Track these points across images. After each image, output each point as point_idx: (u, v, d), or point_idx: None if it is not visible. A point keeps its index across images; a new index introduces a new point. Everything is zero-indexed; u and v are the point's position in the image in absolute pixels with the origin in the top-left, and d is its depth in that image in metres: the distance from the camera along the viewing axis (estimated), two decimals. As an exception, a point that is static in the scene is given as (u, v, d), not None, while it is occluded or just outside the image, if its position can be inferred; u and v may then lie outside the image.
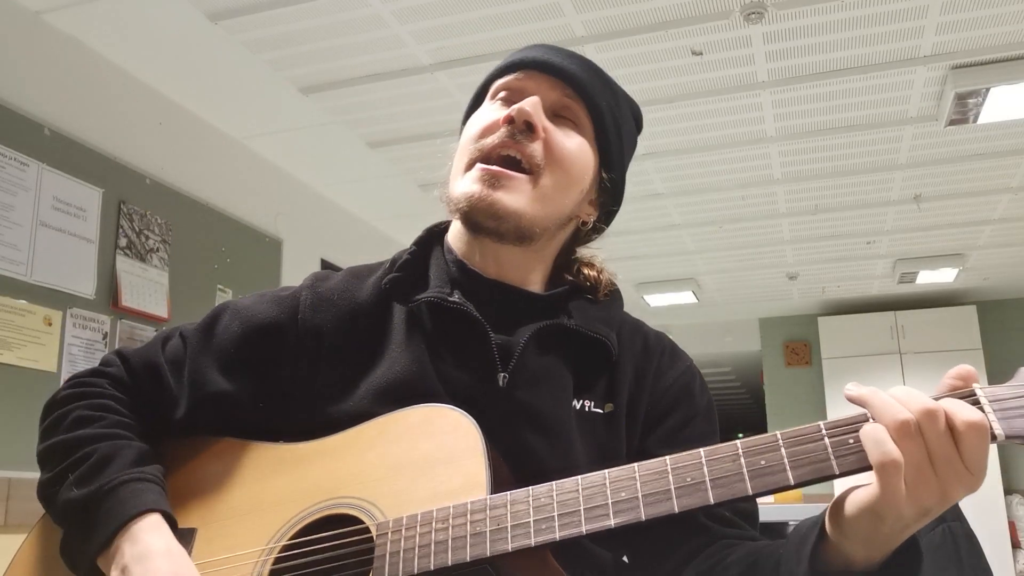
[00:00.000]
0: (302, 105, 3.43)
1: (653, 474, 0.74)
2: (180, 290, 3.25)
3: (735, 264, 5.87)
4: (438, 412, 0.86)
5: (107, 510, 0.86)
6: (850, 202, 4.70)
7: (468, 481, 0.80)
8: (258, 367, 0.96)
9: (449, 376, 0.92)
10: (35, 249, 2.69)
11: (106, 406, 0.96)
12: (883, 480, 0.66)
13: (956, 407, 0.65)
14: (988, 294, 6.73)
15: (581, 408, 0.94)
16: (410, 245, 1.04)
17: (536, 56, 1.00)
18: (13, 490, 2.51)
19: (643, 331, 1.05)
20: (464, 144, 0.99)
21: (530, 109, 0.94)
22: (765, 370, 7.35)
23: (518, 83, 0.99)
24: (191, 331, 1.00)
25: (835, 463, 0.69)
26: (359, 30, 2.92)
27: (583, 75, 1.00)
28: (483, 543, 0.76)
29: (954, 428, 0.64)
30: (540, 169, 0.95)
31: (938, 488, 0.65)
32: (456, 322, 0.94)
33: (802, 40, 3.02)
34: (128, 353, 1.01)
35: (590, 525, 0.74)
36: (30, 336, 2.63)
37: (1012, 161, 4.14)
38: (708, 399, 1.03)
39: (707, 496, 0.71)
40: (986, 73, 3.21)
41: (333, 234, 4.46)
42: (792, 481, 0.70)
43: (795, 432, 0.71)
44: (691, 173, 4.26)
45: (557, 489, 0.77)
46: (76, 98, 2.93)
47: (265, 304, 0.99)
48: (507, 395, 0.91)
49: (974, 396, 0.68)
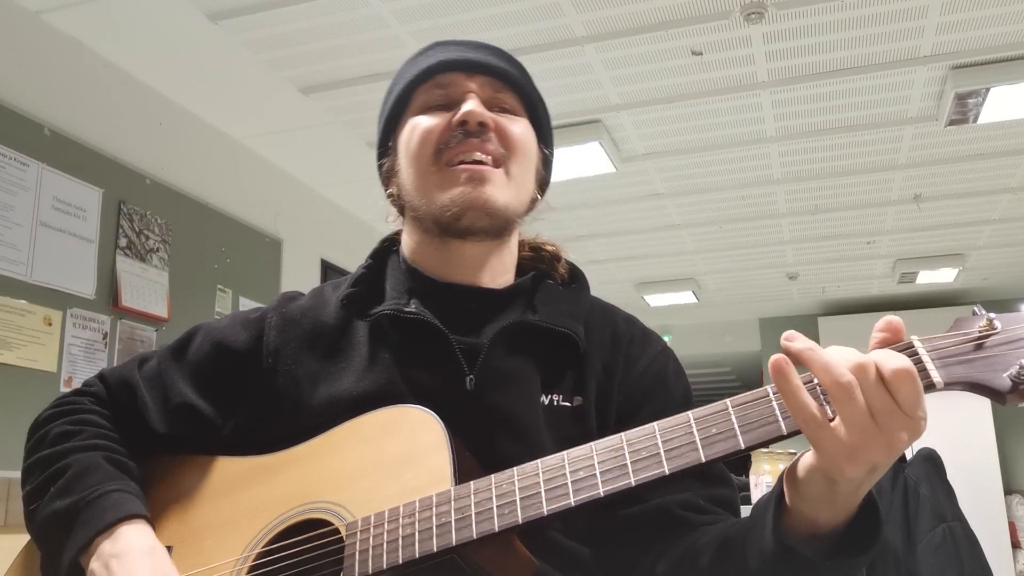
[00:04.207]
0: (302, 105, 3.43)
1: (609, 450, 0.75)
2: (180, 290, 3.25)
3: (735, 264, 5.87)
4: (403, 411, 0.87)
5: (89, 516, 0.88)
6: (850, 202, 4.70)
7: (434, 476, 0.81)
8: (226, 386, 0.99)
9: (418, 383, 0.92)
10: (35, 249, 2.69)
11: (87, 420, 0.98)
12: (818, 446, 0.67)
13: (883, 356, 0.66)
14: (988, 294, 6.73)
15: (550, 403, 0.94)
16: (365, 259, 1.05)
17: (454, 57, 1.00)
18: (13, 490, 2.51)
19: (612, 318, 1.04)
20: (415, 153, 0.98)
21: (479, 110, 0.96)
22: (765, 370, 7.35)
23: (447, 88, 0.99)
24: (165, 350, 1.04)
25: (783, 424, 0.69)
26: (359, 30, 2.92)
27: (502, 64, 1.01)
28: (448, 533, 0.77)
29: (884, 378, 0.65)
30: (505, 160, 0.97)
31: (884, 441, 0.65)
32: (417, 331, 0.95)
33: (802, 40, 3.02)
34: (106, 372, 1.04)
35: (551, 505, 0.74)
36: (30, 336, 2.63)
37: (1012, 161, 4.14)
38: (684, 385, 1.02)
39: (662, 467, 0.72)
40: (986, 73, 3.22)
41: (333, 234, 4.46)
42: (743, 444, 0.70)
43: (744, 397, 0.72)
44: (691, 173, 4.26)
45: (519, 474, 0.77)
46: (76, 98, 2.93)
47: (236, 326, 1.02)
48: (476, 397, 0.91)
49: (912, 348, 0.68)
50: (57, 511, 0.89)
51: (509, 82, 1.00)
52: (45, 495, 0.91)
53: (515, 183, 0.98)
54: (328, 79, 3.24)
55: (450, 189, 0.94)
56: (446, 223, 0.95)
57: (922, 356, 0.68)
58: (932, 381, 0.66)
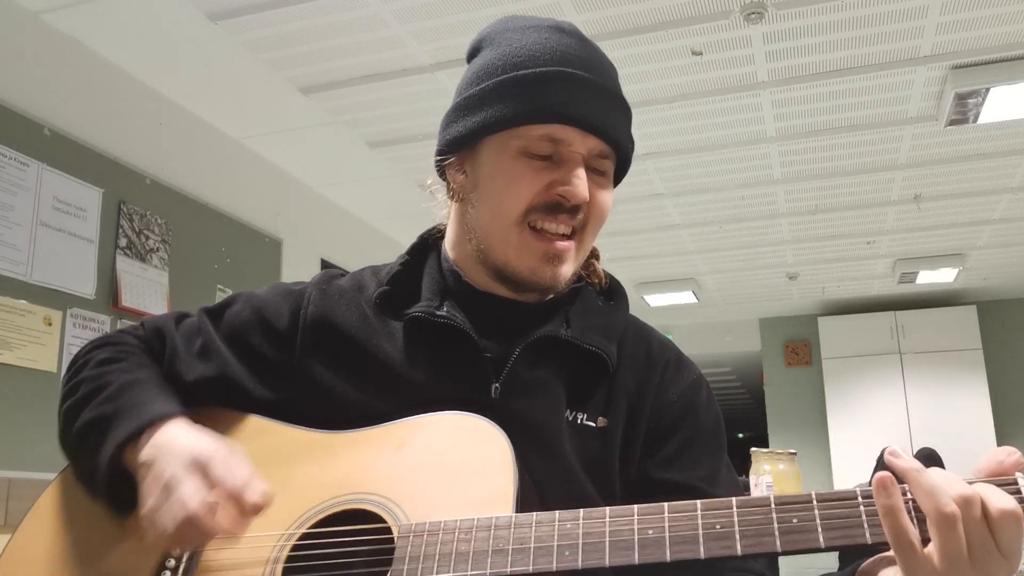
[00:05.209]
0: (302, 105, 3.43)
1: (682, 516, 0.74)
2: (180, 290, 3.25)
3: (735, 264, 5.87)
4: (471, 421, 0.87)
5: (136, 413, 0.89)
6: (850, 202, 4.70)
7: (494, 494, 0.80)
8: (262, 352, 0.99)
9: (444, 386, 0.92)
10: (35, 249, 2.69)
11: (130, 350, 1.00)
12: (905, 568, 0.65)
13: (991, 493, 0.64)
14: (988, 294, 6.73)
15: (574, 420, 0.93)
16: (403, 254, 1.04)
17: (579, 112, 0.91)
18: (13, 490, 2.51)
19: (647, 339, 1.02)
20: (502, 204, 0.92)
21: (585, 193, 0.92)
22: (765, 370, 7.35)
23: (558, 144, 0.92)
24: (204, 310, 1.05)
25: (868, 532, 0.68)
26: (359, 30, 2.92)
27: (621, 126, 0.96)
28: (504, 561, 0.75)
29: (989, 515, 0.63)
30: (584, 227, 0.96)
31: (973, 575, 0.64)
32: (447, 334, 0.94)
33: (802, 40, 3.02)
34: (145, 320, 1.06)
35: (614, 559, 0.73)
36: (30, 336, 2.63)
37: (1012, 161, 4.14)
38: (714, 414, 1.00)
39: (735, 547, 0.70)
40: (986, 73, 3.21)
41: (333, 234, 4.46)
42: (823, 543, 0.68)
43: (830, 494, 0.71)
44: (691, 173, 4.26)
45: (584, 516, 0.76)
46: (76, 98, 2.93)
47: (277, 297, 1.02)
48: (499, 406, 0.91)
49: (1015, 485, 0.67)
50: (101, 414, 0.90)
51: (616, 150, 0.96)
52: (88, 405, 0.92)
53: (583, 250, 0.98)
54: (328, 79, 3.24)
55: (526, 259, 0.93)
56: (506, 278, 0.95)
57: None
58: None
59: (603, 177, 0.96)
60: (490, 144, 0.94)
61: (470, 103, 0.95)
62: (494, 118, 0.92)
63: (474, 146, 0.95)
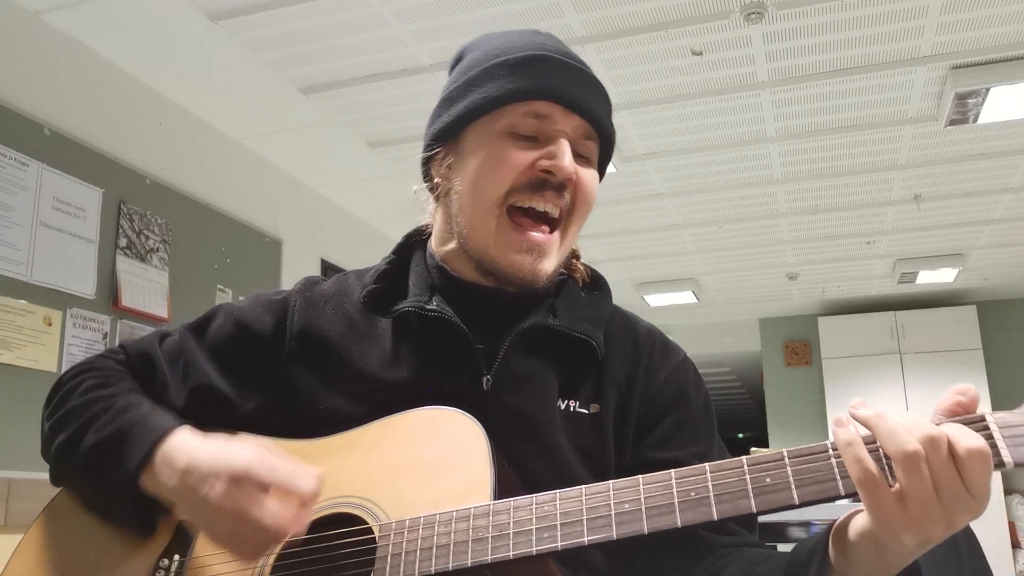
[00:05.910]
0: (302, 105, 3.44)
1: (657, 486, 0.74)
2: (180, 290, 3.25)
3: (735, 264, 5.88)
4: (444, 415, 0.87)
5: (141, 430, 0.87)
6: (850, 202, 4.70)
7: (472, 485, 0.80)
8: (247, 366, 0.98)
9: (436, 381, 0.92)
10: (35, 249, 2.69)
11: (118, 376, 0.98)
12: (873, 510, 0.65)
13: (958, 432, 0.64)
14: (988, 294, 6.73)
15: (567, 408, 0.93)
16: (388, 254, 1.05)
17: (560, 89, 0.93)
18: (13, 490, 2.51)
19: (634, 326, 1.03)
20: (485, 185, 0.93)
21: (571, 167, 0.92)
22: (765, 370, 7.35)
23: (542, 120, 0.93)
24: (187, 328, 1.03)
25: (840, 483, 0.68)
26: (359, 30, 2.92)
27: (599, 108, 0.97)
28: (485, 549, 0.76)
29: (956, 455, 0.63)
30: (569, 214, 0.95)
31: (944, 517, 0.63)
32: (438, 328, 0.95)
33: (802, 40, 3.02)
34: (125, 344, 1.04)
35: (592, 535, 0.73)
36: (30, 336, 2.63)
37: (1012, 161, 4.14)
38: (703, 395, 1.01)
39: (711, 511, 0.70)
40: (986, 73, 3.21)
41: (333, 234, 4.46)
42: (796, 500, 0.68)
43: (801, 450, 0.70)
44: (691, 173, 4.26)
45: (561, 497, 0.76)
46: (76, 98, 2.93)
47: (259, 308, 1.01)
48: (492, 398, 0.91)
49: (983, 422, 0.66)
50: (105, 437, 0.88)
51: (599, 130, 0.97)
52: (87, 431, 0.90)
53: (567, 243, 0.97)
54: (328, 79, 3.24)
55: (507, 252, 0.93)
56: (488, 270, 0.95)
57: (994, 433, 0.65)
58: (1002, 460, 0.64)
59: (587, 161, 0.98)
60: (474, 130, 0.96)
61: (454, 94, 0.98)
62: (480, 101, 0.94)
63: (458, 136, 0.97)
